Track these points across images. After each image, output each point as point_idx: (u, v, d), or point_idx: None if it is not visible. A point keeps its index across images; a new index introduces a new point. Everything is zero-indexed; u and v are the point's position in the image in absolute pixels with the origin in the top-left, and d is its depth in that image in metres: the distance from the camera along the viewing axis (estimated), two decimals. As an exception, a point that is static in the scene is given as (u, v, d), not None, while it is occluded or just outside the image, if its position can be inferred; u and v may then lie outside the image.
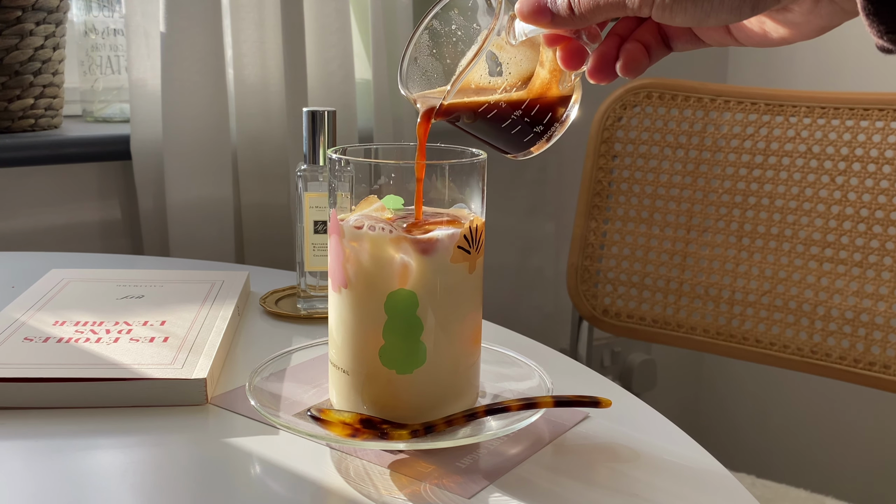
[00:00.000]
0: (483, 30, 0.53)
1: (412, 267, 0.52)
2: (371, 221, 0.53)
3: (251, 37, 1.21)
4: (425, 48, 0.54)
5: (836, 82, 1.55)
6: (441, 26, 0.54)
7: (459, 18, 0.54)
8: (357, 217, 0.54)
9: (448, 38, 0.54)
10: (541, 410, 0.55)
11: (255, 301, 0.82)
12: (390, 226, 0.52)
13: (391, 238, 0.52)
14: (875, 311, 1.03)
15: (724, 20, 0.45)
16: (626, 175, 1.16)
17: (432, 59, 0.54)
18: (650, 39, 0.51)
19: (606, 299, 1.18)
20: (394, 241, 0.52)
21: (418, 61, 0.54)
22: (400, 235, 0.52)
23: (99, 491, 0.50)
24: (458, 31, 0.54)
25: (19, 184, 1.18)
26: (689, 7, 0.45)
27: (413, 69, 0.54)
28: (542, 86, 0.53)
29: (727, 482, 0.53)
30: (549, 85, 0.53)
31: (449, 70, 0.54)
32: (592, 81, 0.52)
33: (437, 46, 0.54)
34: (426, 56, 0.54)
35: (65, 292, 0.77)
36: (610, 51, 0.51)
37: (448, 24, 0.54)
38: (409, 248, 0.52)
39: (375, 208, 0.54)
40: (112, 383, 0.59)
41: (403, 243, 0.52)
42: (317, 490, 0.50)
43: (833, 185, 1.06)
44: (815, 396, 1.64)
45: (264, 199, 1.25)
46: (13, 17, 1.12)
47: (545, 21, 0.49)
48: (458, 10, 0.54)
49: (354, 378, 0.54)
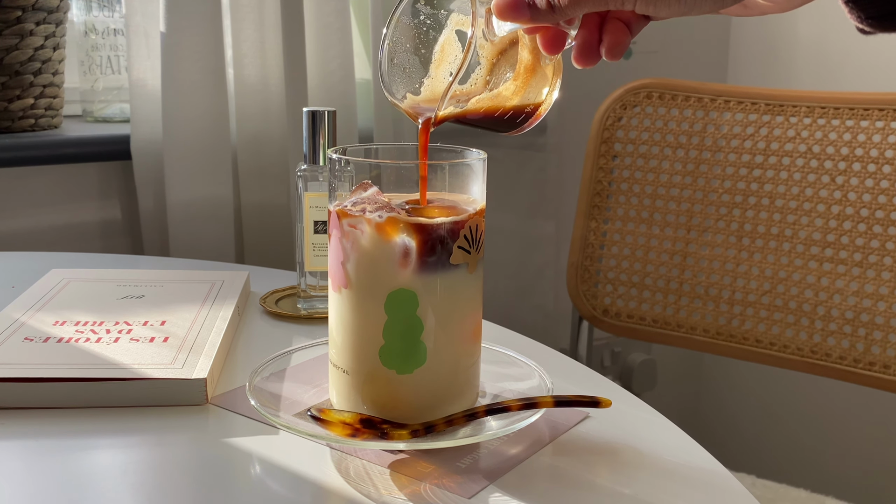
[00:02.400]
0: (453, 13, 0.53)
1: (413, 252, 0.51)
2: (373, 204, 0.52)
3: (251, 37, 1.21)
4: (400, 46, 0.54)
5: (837, 82, 1.55)
6: (410, 20, 0.54)
7: (426, 8, 0.54)
8: (356, 199, 0.53)
9: (419, 29, 0.54)
10: (541, 410, 0.55)
11: (256, 301, 0.82)
12: (394, 208, 0.52)
13: (393, 218, 0.51)
14: (875, 310, 1.03)
15: (707, 10, 0.46)
16: (627, 175, 1.16)
17: (408, 54, 0.54)
18: (629, 14, 0.50)
19: (606, 299, 1.18)
20: (394, 222, 0.51)
21: (395, 61, 0.54)
22: (403, 217, 0.52)
23: (99, 491, 0.50)
24: (427, 21, 0.54)
25: (20, 184, 1.18)
26: (671, 1, 0.46)
27: (393, 70, 0.54)
28: (528, 70, 0.53)
29: (727, 482, 0.53)
30: (533, 67, 0.53)
31: (426, 59, 0.54)
32: (578, 66, 0.52)
33: (409, 41, 0.54)
34: (402, 53, 0.54)
35: (65, 292, 0.77)
36: (592, 34, 0.51)
37: (417, 16, 0.54)
38: (410, 231, 0.51)
39: (373, 193, 0.54)
40: (112, 383, 0.59)
41: (404, 225, 0.51)
42: (317, 490, 0.50)
43: (833, 185, 1.06)
44: (815, 396, 1.64)
45: (264, 199, 1.25)
46: (13, 17, 1.12)
47: (524, 17, 0.49)
48: (424, 0, 0.54)
49: (354, 378, 0.54)
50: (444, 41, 0.54)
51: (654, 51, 1.64)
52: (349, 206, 0.53)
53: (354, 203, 0.53)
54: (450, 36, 0.54)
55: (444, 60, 0.54)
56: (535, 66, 0.53)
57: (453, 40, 0.54)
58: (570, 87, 1.68)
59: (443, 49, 0.54)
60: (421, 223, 0.52)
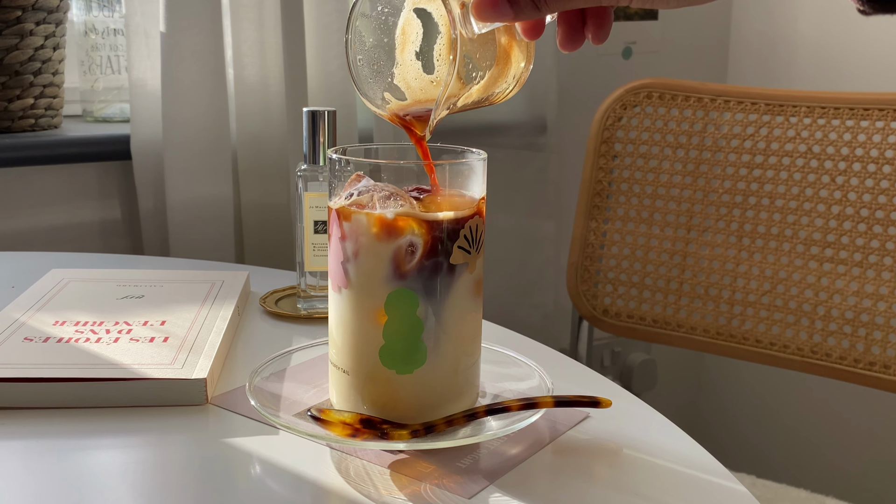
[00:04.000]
0: None
1: (416, 248, 0.51)
2: (381, 192, 0.52)
3: (251, 36, 1.21)
4: (363, 44, 0.53)
5: (837, 82, 1.55)
6: (369, 13, 0.53)
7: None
8: (357, 189, 0.53)
9: (378, 20, 0.53)
10: (541, 410, 0.55)
11: (256, 301, 0.82)
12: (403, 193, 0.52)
13: (397, 215, 0.52)
14: (875, 310, 1.03)
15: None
16: (627, 175, 1.16)
17: (374, 50, 0.53)
18: None
19: (606, 299, 1.18)
20: (399, 219, 0.51)
21: (362, 60, 0.53)
22: (408, 211, 0.51)
23: (99, 491, 0.50)
24: (384, 9, 0.53)
25: (19, 184, 1.18)
26: None
27: (364, 70, 0.53)
28: (506, 52, 0.52)
29: (727, 482, 0.53)
30: (510, 46, 0.52)
31: (389, 48, 0.53)
32: (564, 52, 0.51)
33: (371, 35, 0.53)
34: (367, 51, 0.53)
35: (65, 292, 0.77)
36: (574, 19, 0.50)
37: (374, 8, 0.53)
38: (416, 225, 0.51)
39: (370, 184, 0.54)
40: (112, 383, 0.59)
41: (410, 221, 0.51)
42: (317, 490, 0.50)
43: (833, 185, 1.06)
44: (815, 396, 1.64)
45: (264, 199, 1.25)
46: (13, 17, 1.12)
47: (507, 16, 0.48)
48: None
49: (355, 378, 0.54)
50: (404, 22, 0.53)
51: (654, 51, 1.64)
52: (354, 196, 0.53)
53: (360, 192, 0.53)
54: (408, 16, 0.53)
55: (406, 42, 0.53)
56: (511, 45, 0.52)
57: (412, 19, 0.52)
58: (570, 87, 1.68)
59: (403, 31, 0.53)
60: (427, 218, 0.51)
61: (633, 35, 1.62)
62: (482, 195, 0.55)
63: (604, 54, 1.60)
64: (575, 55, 1.58)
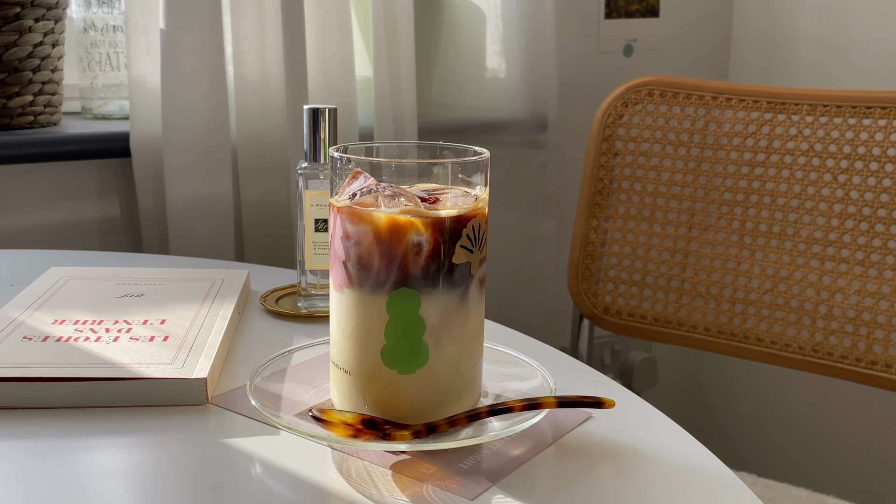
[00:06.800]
0: None
1: (423, 246, 0.51)
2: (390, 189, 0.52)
3: (251, 34, 1.20)
4: None
5: (839, 80, 1.54)
6: None
7: None
8: (358, 188, 0.53)
9: None
10: (544, 411, 0.55)
11: (256, 300, 0.82)
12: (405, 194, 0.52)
13: (401, 212, 0.51)
14: (877, 309, 1.03)
15: None
16: (628, 173, 1.16)
17: None
18: None
19: (607, 297, 1.17)
20: (402, 217, 0.51)
21: None
22: (412, 208, 0.51)
23: (98, 491, 0.50)
24: None
25: (18, 181, 1.18)
26: None
27: None
28: None
29: (728, 481, 0.53)
30: None
31: None
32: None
33: None
34: None
35: (64, 291, 0.76)
36: None
37: None
38: (420, 224, 0.51)
39: (370, 182, 0.53)
40: (112, 383, 0.58)
41: (414, 219, 0.51)
42: (318, 491, 0.50)
43: (835, 184, 1.06)
44: (816, 395, 1.64)
45: (265, 197, 1.25)
46: (12, 14, 1.11)
47: None
48: None
49: (356, 378, 0.54)
50: None
51: (656, 48, 1.64)
52: (357, 195, 0.52)
53: (363, 191, 0.53)
54: None
55: None
56: None
57: None
58: (571, 85, 1.68)
59: None
60: (432, 217, 0.51)
61: (634, 33, 1.61)
62: (484, 194, 0.54)
63: (605, 52, 1.60)
64: (576, 53, 1.57)
